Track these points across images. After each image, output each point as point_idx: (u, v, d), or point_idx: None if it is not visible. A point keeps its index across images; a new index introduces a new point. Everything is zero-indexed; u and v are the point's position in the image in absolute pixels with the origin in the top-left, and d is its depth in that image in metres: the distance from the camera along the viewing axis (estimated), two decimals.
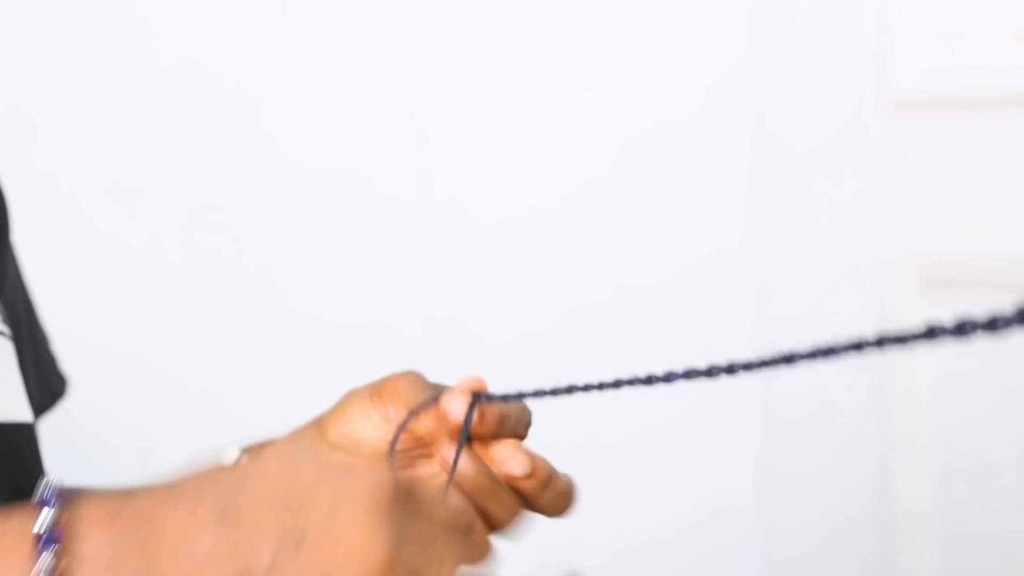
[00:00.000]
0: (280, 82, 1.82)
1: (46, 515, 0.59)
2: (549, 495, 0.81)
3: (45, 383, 0.96)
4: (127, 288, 1.78)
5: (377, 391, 0.80)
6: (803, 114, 1.96)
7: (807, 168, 1.96)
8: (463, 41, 1.88)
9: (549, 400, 0.84)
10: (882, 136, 1.90)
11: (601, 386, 0.69)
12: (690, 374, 0.64)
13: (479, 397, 0.78)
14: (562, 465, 2.01)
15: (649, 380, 0.66)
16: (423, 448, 0.80)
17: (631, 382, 0.67)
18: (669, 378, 0.65)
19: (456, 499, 0.66)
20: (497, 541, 0.84)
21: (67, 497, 0.60)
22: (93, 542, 0.58)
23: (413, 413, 0.78)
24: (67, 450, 1.43)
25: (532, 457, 0.80)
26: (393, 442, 0.78)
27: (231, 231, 1.82)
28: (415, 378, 0.81)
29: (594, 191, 1.93)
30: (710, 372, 0.61)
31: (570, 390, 0.75)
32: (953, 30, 1.83)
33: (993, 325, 0.49)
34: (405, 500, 0.61)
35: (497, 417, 0.80)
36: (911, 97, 1.87)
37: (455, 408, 0.78)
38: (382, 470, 0.62)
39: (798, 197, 1.97)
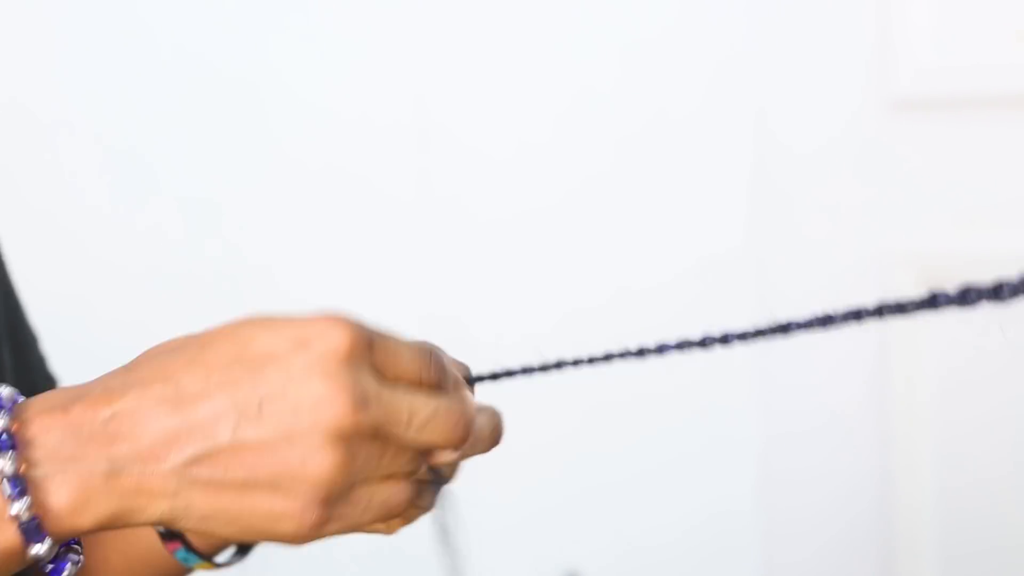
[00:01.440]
0: (280, 80, 1.82)
1: None
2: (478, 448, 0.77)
3: (29, 384, 0.94)
4: (128, 286, 1.78)
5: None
6: (804, 115, 1.96)
7: (808, 168, 1.96)
8: (463, 40, 1.88)
9: (548, 399, 0.82)
10: (883, 136, 1.90)
11: (592, 360, 0.68)
12: (683, 345, 0.63)
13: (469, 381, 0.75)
14: (564, 467, 2.01)
15: (641, 352, 0.64)
16: None
17: (623, 355, 0.65)
18: (662, 349, 0.63)
19: (419, 348, 0.64)
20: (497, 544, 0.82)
21: (17, 402, 0.60)
22: (50, 439, 0.58)
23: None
24: None
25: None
26: None
27: (231, 229, 1.82)
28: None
29: (594, 191, 1.92)
30: (704, 343, 0.60)
31: (559, 365, 0.72)
32: (954, 30, 1.83)
33: (998, 293, 0.49)
34: (364, 352, 0.60)
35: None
36: (912, 97, 1.87)
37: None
38: (337, 321, 0.61)
39: (799, 198, 1.97)
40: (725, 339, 0.59)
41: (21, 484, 0.57)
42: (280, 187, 1.83)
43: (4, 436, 0.58)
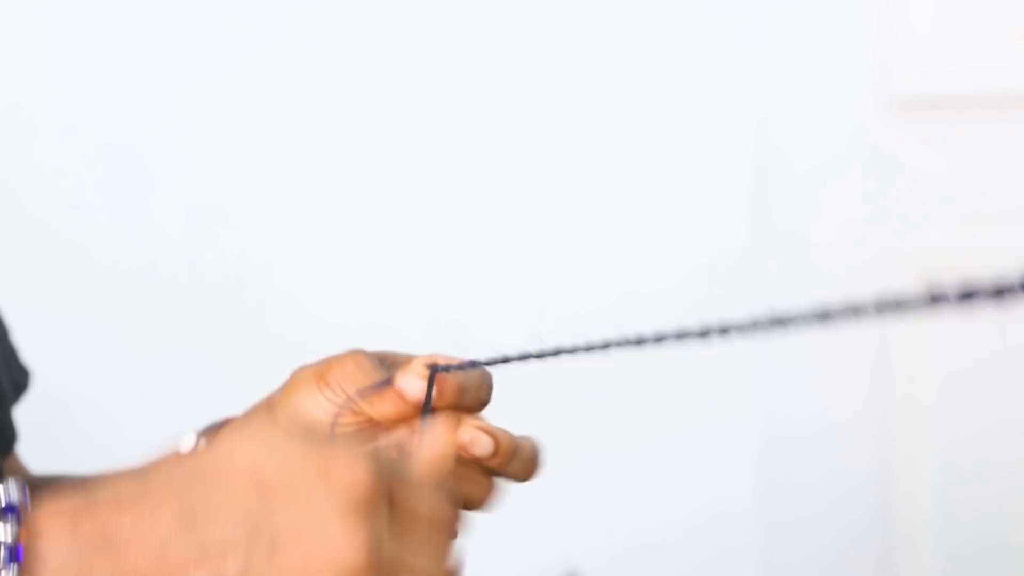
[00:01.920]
0: (282, 86, 1.81)
1: (4, 531, 0.57)
2: (517, 465, 0.77)
3: (8, 376, 0.93)
4: (128, 291, 1.77)
5: (321, 373, 0.76)
6: (805, 116, 1.95)
7: (809, 169, 1.96)
8: (465, 46, 1.88)
9: (550, 400, 0.82)
10: (883, 136, 1.90)
11: (590, 348, 0.67)
12: (683, 335, 0.62)
13: (436, 370, 0.74)
14: (565, 468, 2.01)
15: (639, 341, 0.63)
16: (377, 430, 0.76)
17: (619, 344, 0.65)
18: (660, 339, 0.63)
19: (437, 488, 0.62)
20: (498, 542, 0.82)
21: (25, 509, 0.58)
22: (58, 552, 0.57)
23: (352, 401, 0.74)
24: (64, 448, 1.43)
25: (494, 434, 0.75)
26: (331, 430, 0.74)
27: (233, 236, 1.81)
28: (361, 359, 0.76)
29: (596, 196, 1.92)
30: (704, 334, 0.59)
31: (542, 355, 0.72)
32: (955, 30, 1.83)
33: (998, 292, 0.48)
34: (384, 495, 0.59)
35: (456, 388, 0.75)
36: (913, 97, 1.87)
37: (411, 386, 0.74)
38: (360, 462, 0.59)
39: (800, 198, 1.97)
40: (724, 331, 0.59)
41: None
42: (281, 193, 1.83)
43: (10, 548, 0.57)
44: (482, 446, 0.74)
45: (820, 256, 1.95)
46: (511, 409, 0.79)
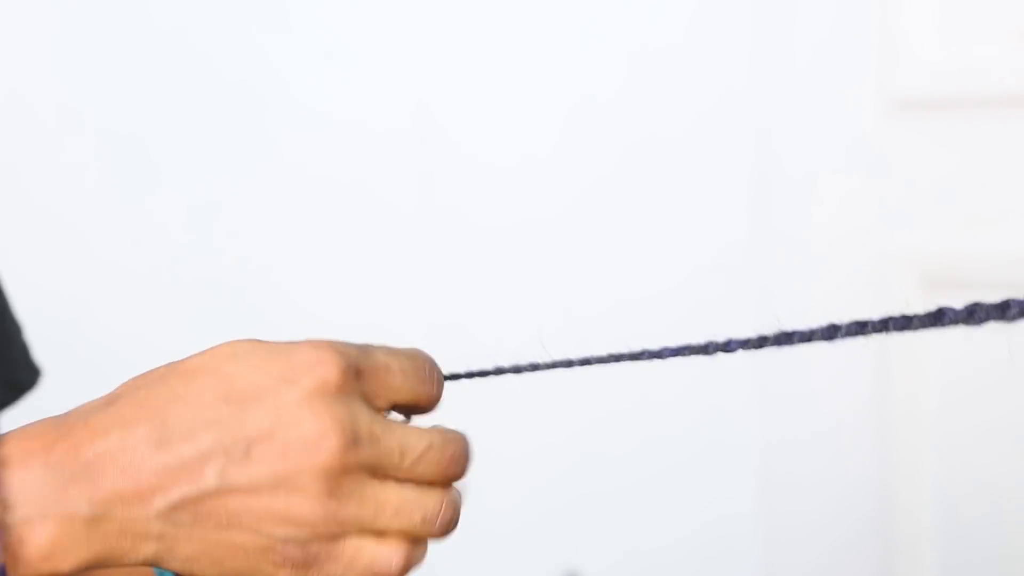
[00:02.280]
0: (283, 87, 1.81)
1: None
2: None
3: (7, 376, 0.94)
4: (129, 289, 1.77)
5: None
6: (806, 116, 1.95)
7: (809, 170, 1.95)
8: (465, 48, 1.88)
9: (550, 402, 0.81)
10: (884, 136, 1.89)
11: (588, 361, 0.66)
12: (687, 350, 0.62)
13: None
14: (565, 470, 2.00)
15: (641, 355, 0.63)
16: None
17: (625, 357, 0.64)
18: (662, 354, 0.62)
19: (407, 364, 0.62)
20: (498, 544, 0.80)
21: None
22: (30, 480, 0.56)
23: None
24: None
25: None
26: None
27: (233, 237, 1.81)
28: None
29: (596, 198, 1.92)
30: (707, 349, 0.58)
31: (553, 366, 0.70)
32: (956, 30, 1.82)
33: (1004, 310, 0.48)
34: (353, 381, 0.59)
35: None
36: (913, 97, 1.87)
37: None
38: (323, 353, 0.59)
39: (800, 200, 1.96)
40: (728, 346, 0.58)
41: None
42: (282, 194, 1.82)
43: None
44: None
45: (820, 256, 1.95)
46: (511, 410, 0.79)
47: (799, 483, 1.98)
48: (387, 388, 0.60)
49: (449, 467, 0.61)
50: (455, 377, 0.71)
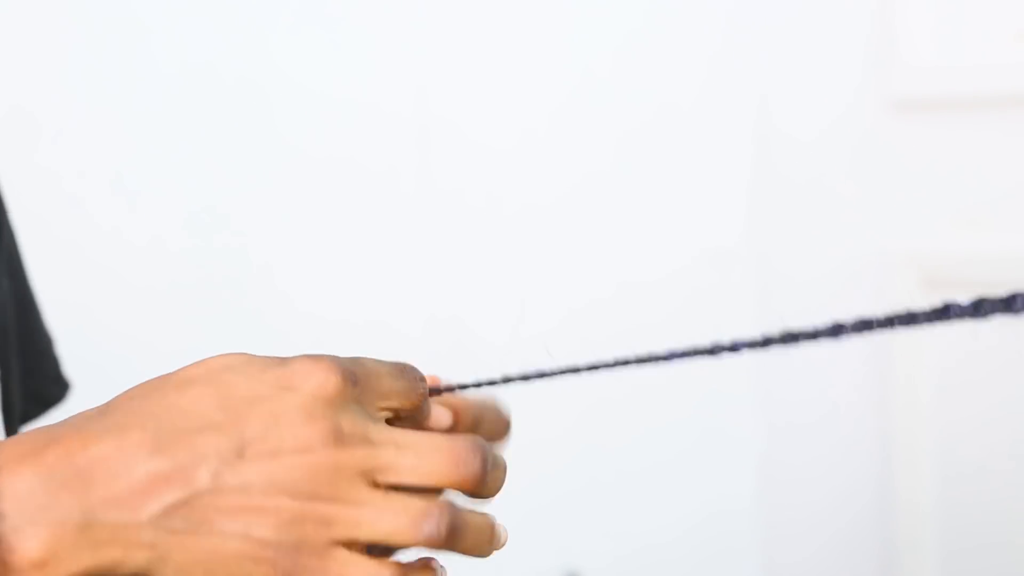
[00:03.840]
0: (280, 76, 1.81)
1: None
2: (485, 428, 0.76)
3: (34, 390, 0.93)
4: (128, 286, 1.77)
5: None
6: (805, 115, 1.96)
7: (808, 167, 1.96)
8: (464, 33, 1.88)
9: (547, 396, 0.81)
10: (883, 136, 1.90)
11: (594, 367, 0.66)
12: (690, 353, 0.62)
13: (442, 390, 0.71)
14: (563, 465, 2.01)
15: (649, 359, 0.63)
16: None
17: (632, 361, 0.64)
18: (670, 356, 0.62)
19: (403, 375, 0.62)
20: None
21: None
22: (21, 487, 0.55)
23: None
24: None
25: (453, 405, 0.74)
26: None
27: (231, 228, 1.81)
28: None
29: (596, 186, 1.92)
30: (713, 351, 0.59)
31: (553, 373, 0.69)
32: (954, 30, 1.83)
33: (1011, 304, 0.48)
34: (349, 390, 0.59)
35: (471, 422, 0.75)
36: (912, 97, 1.87)
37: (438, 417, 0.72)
38: (319, 364, 0.59)
39: (799, 197, 1.97)
40: (734, 348, 0.58)
41: None
42: (280, 184, 1.82)
43: None
44: (439, 421, 0.72)
45: (818, 251, 1.96)
46: (510, 404, 0.79)
47: (799, 477, 1.99)
48: (380, 394, 0.61)
49: (452, 473, 0.60)
50: (463, 387, 0.71)
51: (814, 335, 0.55)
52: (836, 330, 0.54)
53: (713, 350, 0.59)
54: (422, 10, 1.85)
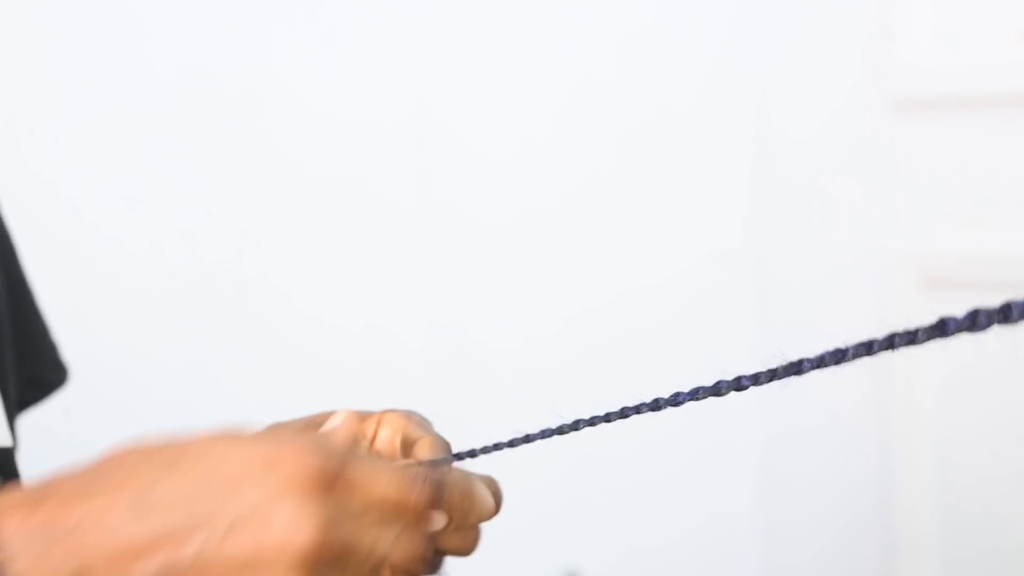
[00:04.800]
0: (279, 84, 1.81)
1: None
2: (475, 518, 0.78)
3: (32, 377, 0.95)
4: (127, 293, 1.77)
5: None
6: (805, 115, 1.96)
7: (808, 169, 1.96)
8: (463, 40, 1.88)
9: (548, 398, 0.81)
10: (883, 136, 1.90)
11: (608, 417, 0.67)
12: (697, 393, 0.62)
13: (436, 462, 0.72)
14: (564, 468, 2.00)
15: (656, 405, 0.63)
16: None
17: (638, 409, 0.64)
18: (677, 401, 0.62)
19: (393, 469, 0.63)
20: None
21: None
22: (19, 538, 0.57)
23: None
24: (64, 448, 1.42)
25: (448, 511, 0.73)
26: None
27: (230, 235, 1.81)
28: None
29: (596, 189, 1.92)
30: (718, 390, 0.59)
31: (575, 426, 0.71)
32: (954, 29, 1.83)
33: (1007, 314, 0.48)
34: (336, 479, 0.60)
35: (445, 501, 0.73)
36: (912, 96, 1.87)
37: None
38: (309, 448, 0.60)
39: (799, 197, 1.97)
40: (739, 384, 0.58)
41: None
42: (279, 191, 1.82)
43: None
44: (434, 523, 0.72)
45: (818, 252, 1.96)
46: (510, 410, 0.79)
47: (800, 479, 1.99)
48: (368, 496, 0.61)
49: (415, 567, 0.62)
50: (472, 454, 0.71)
51: (818, 363, 0.55)
52: (839, 355, 0.54)
53: (719, 388, 0.60)
54: (421, 17, 1.85)
